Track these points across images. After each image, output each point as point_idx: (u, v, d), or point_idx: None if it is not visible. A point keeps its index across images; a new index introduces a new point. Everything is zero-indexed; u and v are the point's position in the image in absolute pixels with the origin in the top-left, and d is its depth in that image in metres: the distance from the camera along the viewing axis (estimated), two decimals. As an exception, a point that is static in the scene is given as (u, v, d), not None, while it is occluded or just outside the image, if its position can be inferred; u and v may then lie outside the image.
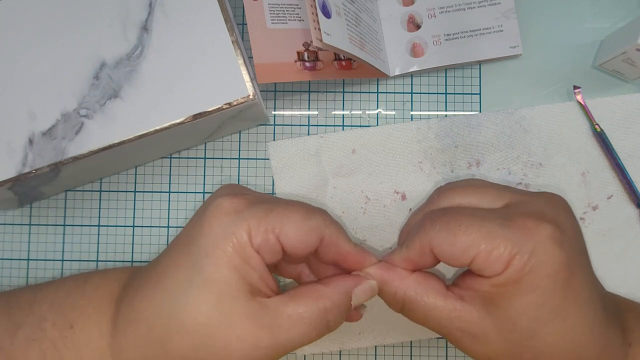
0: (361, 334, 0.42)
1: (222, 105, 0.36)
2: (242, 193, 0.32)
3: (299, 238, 0.30)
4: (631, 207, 0.42)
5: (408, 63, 0.43)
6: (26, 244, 0.44)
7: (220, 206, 0.30)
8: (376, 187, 0.43)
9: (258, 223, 0.29)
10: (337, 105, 0.44)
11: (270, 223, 0.29)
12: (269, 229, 0.29)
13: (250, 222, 0.29)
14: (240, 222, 0.29)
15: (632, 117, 0.42)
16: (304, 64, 0.40)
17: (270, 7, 0.39)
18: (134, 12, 0.36)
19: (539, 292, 0.28)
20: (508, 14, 0.43)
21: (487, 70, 0.44)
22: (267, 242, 0.29)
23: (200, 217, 0.31)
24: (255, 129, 0.44)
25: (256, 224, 0.29)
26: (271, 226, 0.29)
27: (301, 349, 0.42)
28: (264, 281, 0.30)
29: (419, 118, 0.44)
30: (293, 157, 0.43)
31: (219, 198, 0.31)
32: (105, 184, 0.44)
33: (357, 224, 0.43)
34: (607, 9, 0.44)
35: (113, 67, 0.36)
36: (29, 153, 0.35)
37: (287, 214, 0.30)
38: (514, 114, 0.43)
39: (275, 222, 0.29)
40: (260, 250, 0.29)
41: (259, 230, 0.29)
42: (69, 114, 0.35)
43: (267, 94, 0.44)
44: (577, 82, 0.43)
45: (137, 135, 0.36)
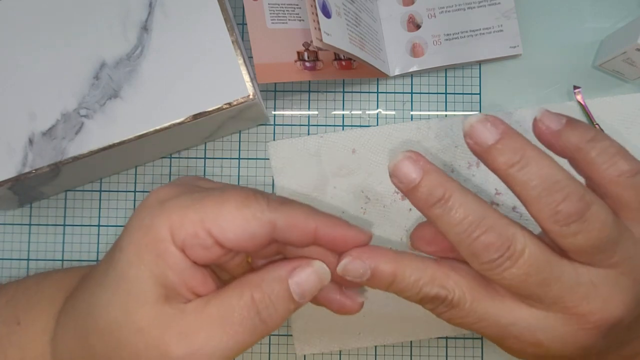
0: (361, 334, 0.42)
1: (222, 105, 0.36)
2: (183, 183, 0.27)
3: (236, 229, 0.25)
4: (631, 207, 0.42)
5: (408, 63, 0.43)
6: (26, 244, 0.44)
7: (148, 197, 0.26)
8: (376, 187, 0.43)
9: (182, 215, 0.25)
10: (337, 105, 0.44)
11: (198, 213, 0.24)
12: (196, 220, 0.24)
13: (173, 213, 0.25)
14: (159, 214, 0.25)
15: (632, 117, 0.43)
16: (304, 64, 0.40)
17: (270, 7, 0.39)
18: (134, 12, 0.36)
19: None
20: (508, 14, 0.43)
21: (487, 70, 0.44)
22: (195, 237, 0.24)
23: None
24: (255, 129, 0.44)
25: (180, 216, 0.24)
26: (199, 217, 0.24)
27: (301, 349, 0.42)
28: (186, 284, 0.25)
29: (419, 118, 0.44)
30: (293, 157, 0.43)
31: (153, 190, 0.27)
32: (105, 184, 0.44)
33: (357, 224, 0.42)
34: (607, 9, 0.44)
35: (113, 67, 0.36)
36: (29, 153, 0.35)
37: (220, 201, 0.25)
38: (514, 114, 0.43)
39: (204, 212, 0.25)
40: (186, 247, 0.25)
41: (183, 222, 0.24)
42: (69, 114, 0.35)
43: (267, 94, 0.44)
44: (577, 82, 0.43)
45: (137, 135, 0.36)
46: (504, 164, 0.25)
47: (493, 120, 0.25)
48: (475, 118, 0.25)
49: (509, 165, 0.24)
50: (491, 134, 0.25)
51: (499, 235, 0.24)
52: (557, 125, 0.26)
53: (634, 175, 0.25)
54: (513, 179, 0.25)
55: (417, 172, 0.25)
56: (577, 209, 0.24)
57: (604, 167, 0.25)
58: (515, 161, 0.24)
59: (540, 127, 0.26)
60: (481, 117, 0.25)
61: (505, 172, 0.25)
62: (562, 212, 0.24)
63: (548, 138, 0.26)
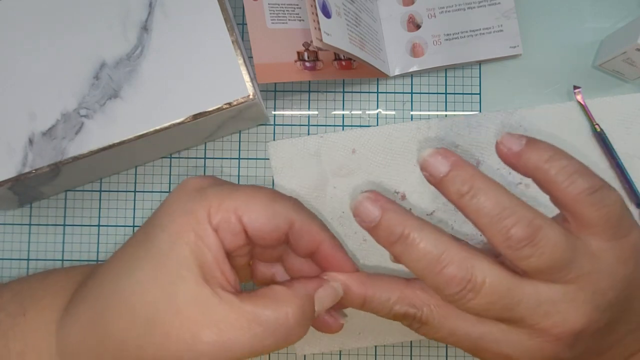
0: (361, 334, 0.42)
1: (222, 105, 0.36)
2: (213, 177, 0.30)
3: (263, 220, 0.27)
4: (631, 207, 0.42)
5: (408, 63, 0.43)
6: (26, 244, 0.44)
7: (184, 185, 0.29)
8: (376, 187, 0.43)
9: (219, 201, 0.27)
10: (337, 105, 0.44)
11: (233, 202, 0.27)
12: (231, 208, 0.27)
13: (212, 199, 0.27)
14: (200, 199, 0.27)
15: (632, 117, 0.42)
16: (304, 64, 0.40)
17: (270, 7, 0.39)
18: (134, 12, 0.36)
19: None
20: (508, 14, 0.43)
21: (487, 70, 0.44)
22: (227, 222, 0.27)
23: (167, 196, 0.29)
24: (255, 129, 0.44)
25: (217, 202, 0.27)
26: (233, 205, 0.27)
27: (301, 349, 0.42)
28: (219, 266, 0.27)
29: (419, 118, 0.44)
30: (293, 157, 0.43)
31: (186, 179, 0.29)
32: (105, 184, 0.44)
33: (357, 224, 0.42)
34: (607, 9, 0.44)
35: (113, 67, 0.36)
36: (29, 153, 0.35)
37: (253, 194, 0.28)
38: (514, 114, 0.43)
39: (238, 202, 0.27)
40: (219, 230, 0.27)
41: (220, 208, 0.27)
42: (69, 114, 0.35)
43: (267, 94, 0.44)
44: (577, 82, 0.43)
45: (137, 135, 0.36)
46: (456, 194, 0.26)
47: (444, 152, 0.27)
48: (427, 152, 0.27)
49: (460, 194, 0.26)
50: (442, 165, 0.26)
51: (458, 268, 0.26)
52: (517, 146, 0.27)
53: (593, 192, 0.26)
54: (465, 207, 0.26)
55: (376, 211, 0.27)
56: (526, 234, 0.25)
57: (564, 185, 0.26)
58: (465, 191, 0.26)
59: (502, 149, 0.27)
60: (432, 151, 0.27)
61: (458, 201, 0.26)
62: (513, 238, 0.25)
63: (510, 159, 0.27)
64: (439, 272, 0.26)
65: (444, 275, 0.26)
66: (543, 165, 0.26)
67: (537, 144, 0.27)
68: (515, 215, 0.25)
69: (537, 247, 0.25)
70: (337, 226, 0.43)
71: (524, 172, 0.27)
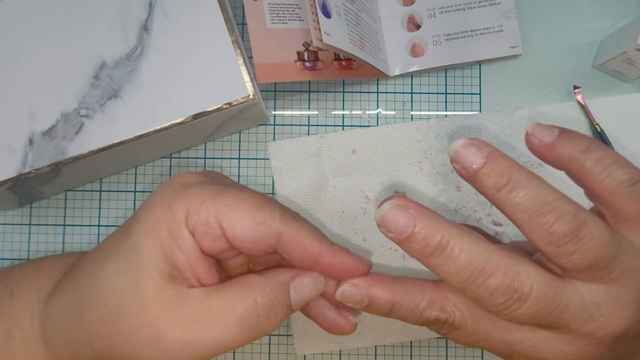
0: (361, 334, 0.42)
1: (222, 105, 0.36)
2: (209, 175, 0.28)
3: (244, 229, 0.25)
4: (631, 207, 0.42)
5: (408, 63, 0.43)
6: (26, 244, 0.44)
7: (173, 178, 0.27)
8: (376, 187, 0.43)
9: (201, 201, 0.25)
10: (337, 105, 0.44)
11: (215, 204, 0.25)
12: (211, 210, 0.25)
13: (193, 198, 0.26)
14: (181, 196, 0.26)
15: (632, 117, 0.43)
16: (304, 64, 0.40)
17: (270, 7, 0.39)
18: (134, 12, 0.36)
19: None
20: (508, 14, 0.43)
21: (487, 70, 0.44)
22: (206, 225, 0.25)
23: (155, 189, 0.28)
24: (255, 129, 0.44)
25: (198, 202, 0.25)
26: (214, 208, 0.25)
27: (301, 349, 0.42)
28: (192, 268, 0.26)
29: (419, 118, 0.44)
30: (293, 157, 0.43)
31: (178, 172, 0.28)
32: (105, 184, 0.44)
33: (357, 224, 0.43)
34: (607, 9, 0.44)
35: (113, 67, 0.36)
36: (29, 153, 0.35)
37: (238, 199, 0.26)
38: (514, 114, 0.43)
39: (220, 205, 0.25)
40: (196, 232, 0.25)
41: (200, 209, 0.25)
42: (69, 114, 0.35)
43: (267, 94, 0.44)
44: (577, 82, 0.43)
45: (137, 135, 0.36)
46: (492, 188, 0.24)
47: (477, 143, 0.24)
48: (459, 143, 0.24)
49: (496, 188, 0.24)
50: (476, 157, 0.24)
51: (504, 278, 0.24)
52: (550, 137, 0.25)
53: (632, 184, 0.24)
54: (502, 202, 0.24)
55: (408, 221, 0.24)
56: (570, 229, 0.23)
57: (601, 177, 0.24)
58: (502, 184, 0.24)
59: (533, 140, 0.26)
60: (465, 142, 0.24)
61: (494, 195, 0.24)
62: (555, 234, 0.23)
63: (541, 151, 0.26)
64: (482, 284, 0.24)
65: (488, 286, 0.24)
66: (579, 156, 0.24)
67: (572, 135, 0.25)
68: (558, 209, 0.23)
69: (581, 243, 0.23)
70: (337, 226, 0.43)
71: (556, 164, 0.26)
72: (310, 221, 0.28)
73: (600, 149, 0.25)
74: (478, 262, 0.24)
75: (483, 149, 0.24)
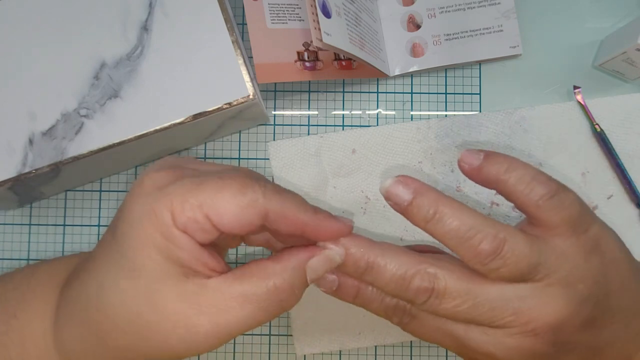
0: (361, 334, 0.42)
1: (222, 105, 0.36)
2: (175, 166, 0.28)
3: (232, 216, 0.26)
4: (631, 207, 0.42)
5: (408, 63, 0.43)
6: (26, 244, 0.44)
7: (142, 183, 0.27)
8: (376, 187, 0.43)
9: (182, 199, 0.25)
10: (337, 105, 0.44)
11: (197, 199, 0.25)
12: (195, 205, 0.25)
13: (173, 198, 0.25)
14: (160, 199, 0.25)
15: (632, 117, 0.42)
16: (304, 64, 0.40)
17: (270, 7, 0.39)
18: (134, 12, 0.36)
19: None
20: (508, 14, 0.43)
21: (487, 70, 0.44)
22: (195, 221, 0.25)
23: (126, 196, 0.27)
24: (255, 129, 0.44)
25: (180, 201, 0.25)
26: (198, 202, 0.25)
27: (301, 349, 0.42)
28: (200, 261, 0.26)
29: (419, 118, 0.44)
30: (293, 157, 0.43)
31: (144, 174, 0.27)
32: (105, 184, 0.44)
33: (357, 224, 0.43)
34: (607, 9, 0.44)
35: (113, 67, 0.36)
36: (29, 153, 0.35)
37: (218, 188, 0.26)
38: (514, 114, 0.43)
39: (202, 198, 0.25)
40: (188, 230, 0.25)
41: (184, 207, 0.25)
42: (69, 114, 0.35)
43: (267, 94, 0.44)
44: (577, 82, 0.43)
45: (137, 135, 0.36)
46: (422, 221, 0.28)
47: (404, 180, 0.28)
48: (388, 182, 0.28)
49: (426, 220, 0.28)
50: (405, 194, 0.28)
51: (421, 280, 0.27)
52: (476, 161, 0.29)
53: (551, 197, 0.28)
54: (433, 232, 0.28)
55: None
56: (493, 248, 0.27)
57: (524, 193, 0.28)
58: (430, 216, 0.27)
59: (463, 166, 0.29)
60: (393, 181, 0.28)
61: (425, 226, 0.28)
62: (481, 254, 0.27)
63: (472, 175, 0.29)
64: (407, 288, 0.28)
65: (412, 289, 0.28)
66: (502, 176, 0.28)
67: (495, 157, 0.29)
68: (481, 233, 0.27)
69: (504, 259, 0.27)
70: (337, 226, 0.43)
71: (486, 185, 0.29)
72: None
73: (519, 168, 0.28)
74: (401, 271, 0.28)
75: (410, 185, 0.28)
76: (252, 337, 0.43)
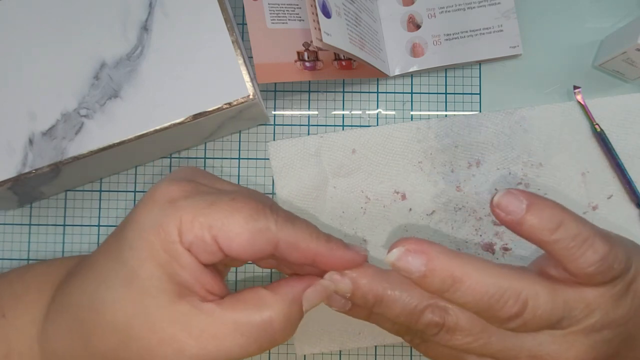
0: (361, 334, 0.42)
1: (222, 105, 0.36)
2: (189, 180, 0.27)
3: (242, 241, 0.25)
4: (631, 207, 0.42)
5: (408, 63, 0.43)
6: (26, 244, 0.44)
7: (155, 193, 0.26)
8: (376, 187, 0.43)
9: (192, 217, 0.25)
10: (337, 105, 0.44)
11: (208, 219, 0.25)
12: (205, 226, 0.25)
13: (183, 214, 0.25)
14: (170, 214, 0.25)
15: (632, 117, 0.42)
16: (304, 64, 0.40)
17: (270, 7, 0.39)
18: (134, 12, 0.36)
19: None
20: (508, 14, 0.43)
21: (487, 70, 0.44)
22: (201, 241, 0.25)
23: (137, 203, 0.27)
24: (255, 129, 0.44)
25: (190, 218, 0.25)
26: (208, 223, 0.25)
27: (301, 349, 0.42)
28: (199, 281, 0.25)
29: (419, 118, 0.44)
30: (293, 157, 0.43)
31: (160, 183, 0.27)
32: (105, 184, 0.44)
33: (357, 224, 0.43)
34: (607, 9, 0.44)
35: (113, 67, 0.36)
36: (29, 153, 0.35)
37: (230, 210, 0.25)
38: (514, 114, 0.43)
39: (213, 219, 0.25)
40: (192, 249, 0.25)
41: (193, 225, 0.25)
42: (69, 114, 0.35)
43: (267, 94, 0.44)
44: (577, 82, 0.43)
45: (137, 135, 0.36)
46: (438, 291, 0.26)
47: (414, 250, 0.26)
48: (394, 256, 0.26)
49: (442, 291, 0.26)
50: (416, 267, 0.26)
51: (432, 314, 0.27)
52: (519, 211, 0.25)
53: (603, 262, 0.25)
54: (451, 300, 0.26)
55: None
56: (516, 312, 0.25)
57: (570, 258, 0.25)
58: (447, 287, 0.26)
59: (500, 214, 0.26)
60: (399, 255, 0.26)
61: (442, 296, 0.26)
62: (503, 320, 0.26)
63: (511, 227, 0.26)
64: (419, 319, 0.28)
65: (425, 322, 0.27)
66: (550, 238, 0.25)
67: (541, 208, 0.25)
68: (502, 298, 0.25)
69: (525, 318, 0.25)
70: (337, 226, 0.43)
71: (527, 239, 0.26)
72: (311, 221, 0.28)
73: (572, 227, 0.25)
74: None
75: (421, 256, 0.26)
76: (252, 337, 0.43)
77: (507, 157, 0.42)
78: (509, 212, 0.25)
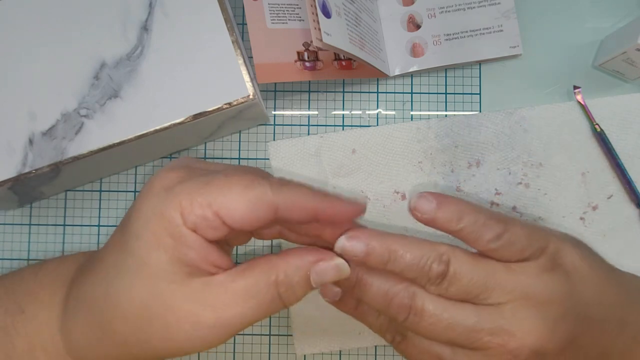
0: (361, 334, 0.42)
1: (222, 105, 0.36)
2: (183, 166, 0.29)
3: (241, 212, 0.26)
4: (631, 207, 0.42)
5: (408, 63, 0.43)
6: (26, 244, 0.44)
7: (151, 185, 0.28)
8: (376, 187, 0.43)
9: (190, 199, 0.26)
10: (337, 105, 0.44)
11: (206, 198, 0.26)
12: (204, 204, 0.26)
13: (182, 198, 0.26)
14: (169, 200, 0.26)
15: (632, 117, 0.43)
16: (304, 64, 0.40)
17: (270, 7, 0.39)
18: (134, 12, 0.36)
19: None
20: (508, 14, 0.43)
21: (487, 70, 0.44)
22: (204, 219, 0.26)
23: (137, 195, 0.28)
24: (255, 129, 0.44)
25: (188, 201, 0.26)
26: (207, 201, 0.26)
27: (301, 349, 0.42)
28: (207, 259, 0.27)
29: (419, 118, 0.44)
30: (293, 157, 0.43)
31: (156, 174, 0.28)
32: (105, 184, 0.44)
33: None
34: (607, 9, 0.44)
35: (113, 67, 0.36)
36: (29, 153, 0.35)
37: (226, 185, 0.26)
38: (514, 114, 0.43)
39: (211, 197, 0.26)
40: (197, 229, 0.26)
41: (193, 207, 0.26)
42: (69, 114, 0.35)
43: (267, 94, 0.44)
44: (577, 82, 0.43)
45: (137, 135, 0.36)
46: (379, 263, 0.29)
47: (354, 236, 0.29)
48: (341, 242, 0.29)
49: (383, 263, 0.29)
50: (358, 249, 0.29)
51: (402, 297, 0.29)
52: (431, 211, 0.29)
53: (499, 239, 0.29)
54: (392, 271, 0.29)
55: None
56: (439, 272, 0.28)
57: (474, 239, 0.29)
58: (385, 260, 0.28)
59: (417, 215, 0.30)
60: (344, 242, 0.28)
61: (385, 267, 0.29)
62: (431, 278, 0.28)
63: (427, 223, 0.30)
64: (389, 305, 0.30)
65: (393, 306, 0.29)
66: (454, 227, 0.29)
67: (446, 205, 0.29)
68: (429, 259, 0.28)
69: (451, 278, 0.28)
70: (337, 226, 0.43)
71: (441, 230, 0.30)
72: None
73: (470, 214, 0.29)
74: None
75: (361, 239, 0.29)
76: (252, 337, 0.43)
77: (507, 157, 0.42)
78: (424, 212, 0.29)
